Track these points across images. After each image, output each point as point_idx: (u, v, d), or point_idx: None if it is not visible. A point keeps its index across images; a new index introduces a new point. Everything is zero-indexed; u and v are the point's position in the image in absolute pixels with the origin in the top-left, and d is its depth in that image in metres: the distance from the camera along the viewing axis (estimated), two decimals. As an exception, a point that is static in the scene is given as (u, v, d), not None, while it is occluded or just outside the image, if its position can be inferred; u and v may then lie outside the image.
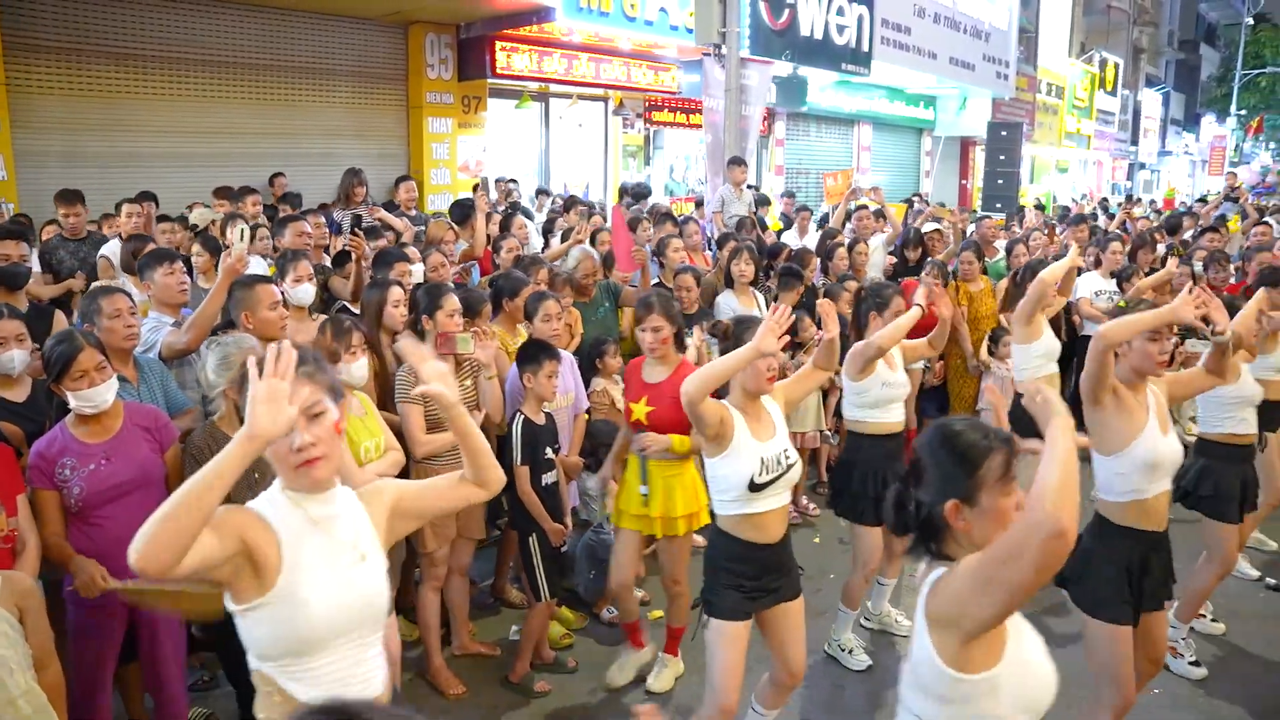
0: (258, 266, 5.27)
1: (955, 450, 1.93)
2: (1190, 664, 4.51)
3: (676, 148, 14.56)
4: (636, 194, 10.30)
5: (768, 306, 6.24)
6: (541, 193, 11.23)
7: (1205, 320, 3.43)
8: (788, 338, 3.03)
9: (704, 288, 6.12)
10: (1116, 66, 28.44)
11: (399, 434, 3.88)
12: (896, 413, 4.45)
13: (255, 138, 9.94)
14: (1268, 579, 5.55)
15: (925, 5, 15.04)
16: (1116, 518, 3.32)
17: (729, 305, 6.04)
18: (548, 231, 7.73)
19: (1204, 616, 4.94)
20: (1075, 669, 2.86)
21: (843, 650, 4.56)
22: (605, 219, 8.02)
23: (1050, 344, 5.37)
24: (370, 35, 10.84)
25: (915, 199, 15.03)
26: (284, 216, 5.76)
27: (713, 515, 3.45)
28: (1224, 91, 38.05)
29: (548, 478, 4.16)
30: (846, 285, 6.46)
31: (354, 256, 5.08)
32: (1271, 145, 45.45)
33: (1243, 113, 37.72)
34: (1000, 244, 8.60)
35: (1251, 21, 36.36)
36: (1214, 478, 4.51)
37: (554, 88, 12.30)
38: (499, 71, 11.16)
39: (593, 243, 6.56)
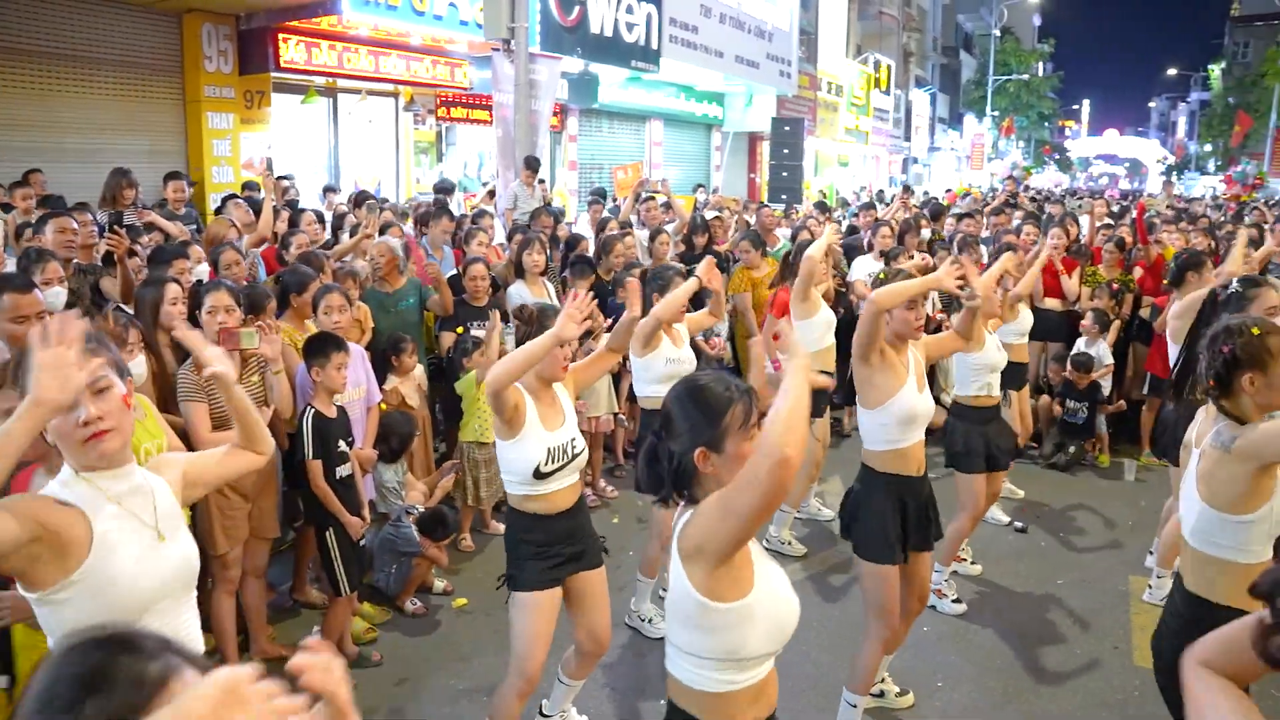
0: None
1: (701, 402, 2.07)
2: (953, 602, 5.03)
3: (470, 144, 14.48)
4: (439, 189, 10.19)
5: (559, 296, 6.39)
6: (330, 190, 10.92)
7: (962, 288, 3.84)
8: (589, 323, 3.15)
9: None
10: (889, 68, 30.53)
11: (183, 436, 3.75)
12: (682, 385, 4.68)
13: (5, 130, 9.13)
14: (1016, 523, 6.23)
15: (711, 5, 15.64)
16: (879, 465, 3.67)
17: (520, 296, 6.14)
18: (337, 228, 7.57)
19: (964, 560, 5.51)
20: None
21: (643, 620, 4.76)
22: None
23: (826, 316, 5.76)
24: (139, 23, 10.11)
25: (699, 189, 15.67)
26: (45, 214, 5.36)
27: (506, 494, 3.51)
28: (981, 94, 41.72)
29: (342, 471, 4.13)
30: (632, 271, 6.70)
31: (115, 256, 4.83)
32: (1020, 144, 50.16)
33: (996, 113, 41.46)
34: (783, 232, 9.17)
35: (999, 33, 40.14)
36: (963, 436, 5.06)
37: (342, 83, 11.97)
38: (283, 65, 10.72)
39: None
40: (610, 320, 4.66)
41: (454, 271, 6.39)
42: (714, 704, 2.03)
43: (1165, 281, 6.88)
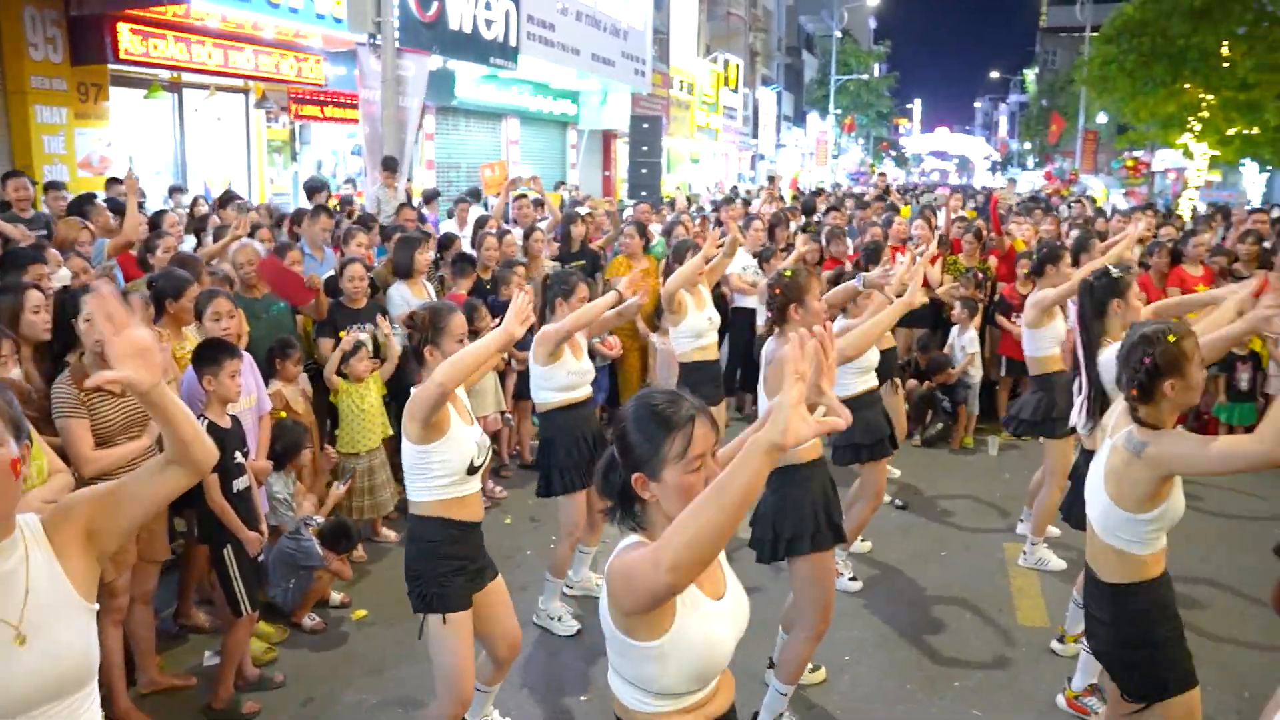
0: None
1: (645, 426, 1.91)
2: (850, 580, 5.21)
3: (325, 143, 13.97)
4: (312, 188, 9.76)
5: (439, 296, 6.26)
6: (177, 190, 10.30)
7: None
8: (532, 319, 3.10)
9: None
10: (738, 67, 31.31)
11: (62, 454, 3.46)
12: (583, 391, 4.68)
13: None
14: (896, 501, 6.51)
15: (568, 4, 15.65)
16: (793, 460, 3.71)
17: (402, 297, 5.96)
18: (199, 230, 7.15)
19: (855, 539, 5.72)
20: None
21: (551, 619, 4.73)
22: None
23: (698, 324, 5.74)
24: (-52, 5, 9.21)
25: (561, 187, 15.67)
26: None
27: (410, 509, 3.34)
28: (823, 93, 43.34)
29: (239, 483, 3.92)
30: (515, 270, 6.64)
31: None
32: (861, 141, 52.44)
33: (839, 112, 43.17)
34: (654, 228, 9.25)
35: (840, 35, 41.84)
36: (863, 426, 5.19)
37: (188, 77, 11.29)
38: (122, 56, 9.96)
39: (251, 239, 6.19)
40: (496, 319, 4.59)
41: (331, 273, 6.16)
42: None
43: (1026, 272, 7.32)
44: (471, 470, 3.23)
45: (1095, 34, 25.51)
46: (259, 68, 11.59)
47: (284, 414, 4.90)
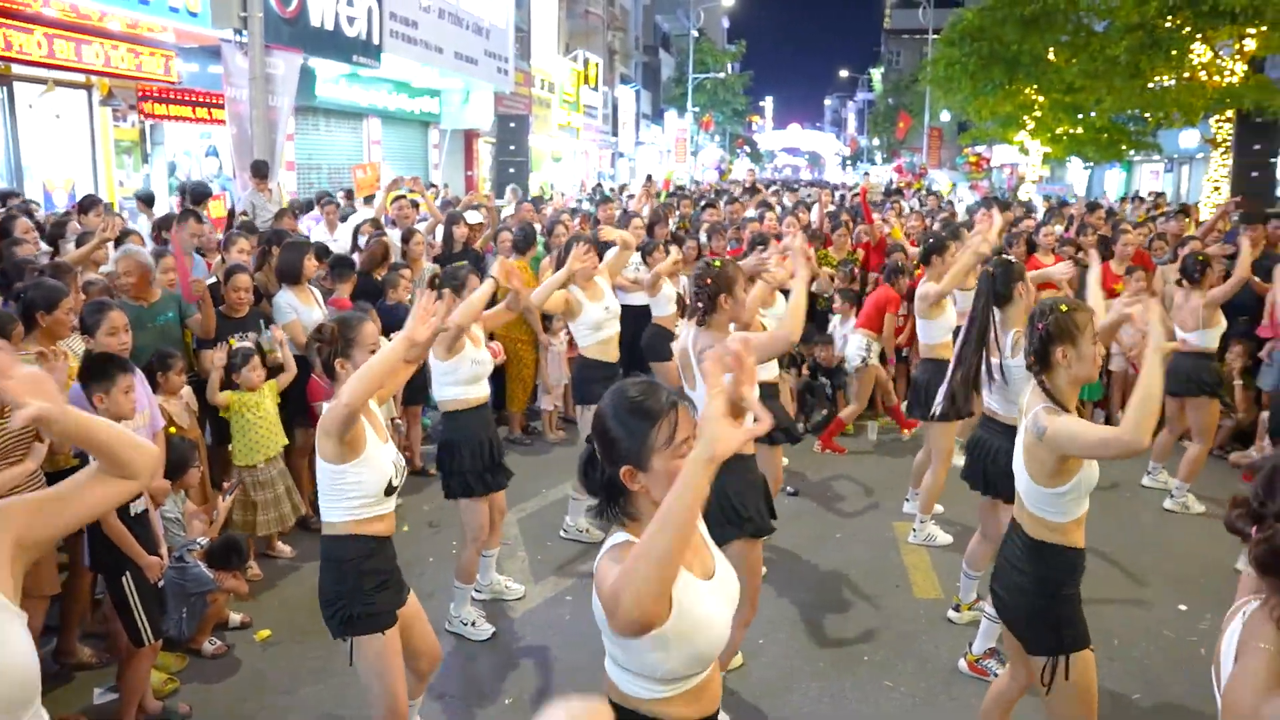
0: None
1: (626, 418, 1.93)
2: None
3: (179, 143, 13.26)
4: (196, 194, 9.22)
5: (326, 302, 6.09)
6: (10, 195, 9.56)
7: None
8: (435, 322, 3.02)
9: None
10: (597, 66, 31.42)
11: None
12: (485, 386, 4.65)
13: None
14: (787, 488, 6.71)
15: (430, 1, 15.36)
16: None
17: (289, 304, 5.76)
18: (57, 236, 6.68)
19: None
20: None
21: (465, 625, 4.69)
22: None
23: (597, 316, 5.83)
24: None
25: (434, 187, 15.40)
26: None
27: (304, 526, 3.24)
28: (681, 91, 43.97)
29: (136, 506, 3.72)
30: (402, 273, 6.54)
31: None
32: (717, 138, 53.52)
33: (697, 110, 43.89)
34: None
35: (697, 34, 42.59)
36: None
37: (21, 69, 10.47)
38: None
39: (119, 244, 5.84)
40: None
41: (213, 279, 5.88)
42: (649, 707, 1.97)
43: (914, 262, 7.67)
44: (389, 491, 3.13)
45: (937, 36, 26.89)
46: (110, 62, 10.77)
47: (172, 429, 4.66)
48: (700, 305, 3.83)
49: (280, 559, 5.53)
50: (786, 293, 4.07)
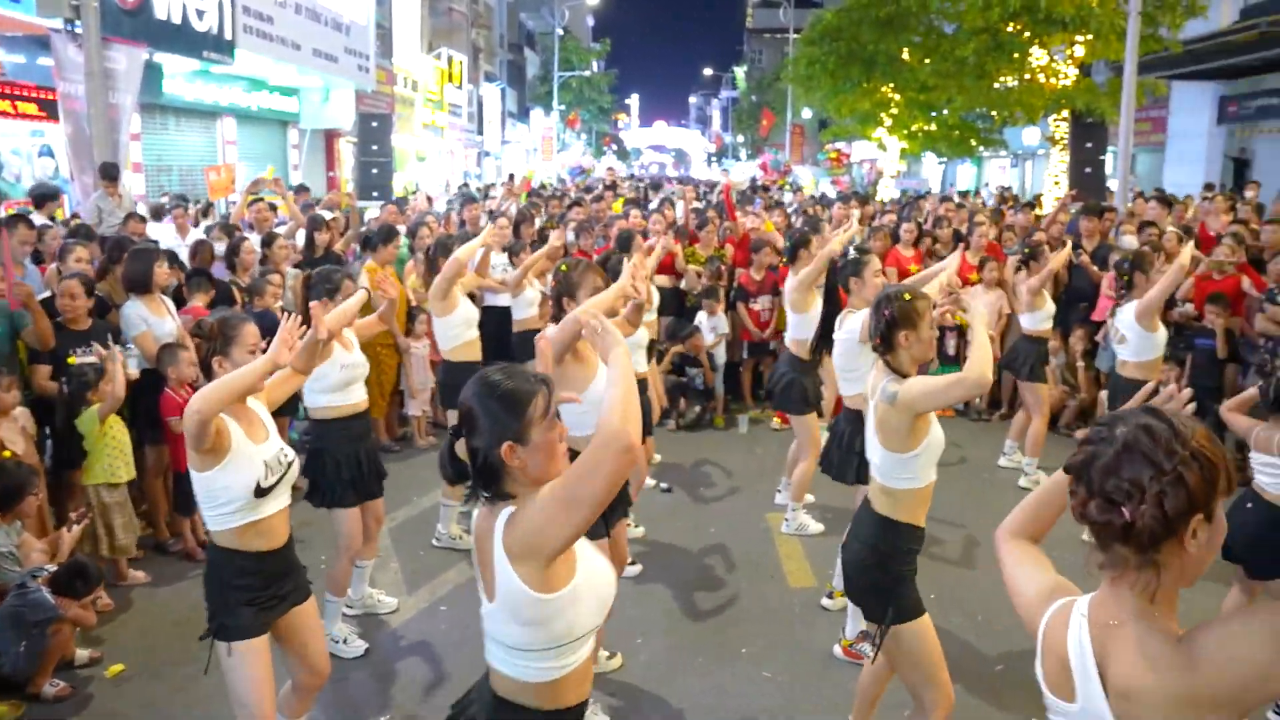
0: None
1: (503, 396, 2.05)
2: (630, 565, 5.36)
3: (6, 141, 12.31)
4: (40, 196, 8.52)
5: (180, 312, 5.79)
6: None
7: None
8: (300, 350, 2.98)
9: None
10: (461, 64, 30.92)
11: None
12: (359, 392, 4.51)
13: None
14: (661, 484, 6.76)
15: (286, -5, 14.80)
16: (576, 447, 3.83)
17: (139, 315, 5.44)
18: None
19: (629, 525, 5.88)
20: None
21: (337, 641, 4.52)
22: None
23: (469, 313, 5.78)
24: None
25: (304, 190, 14.82)
26: None
27: (208, 535, 3.18)
28: (546, 89, 43.80)
29: (-36, 538, 3.43)
30: (270, 279, 6.29)
31: None
32: (583, 136, 53.58)
33: (562, 108, 43.79)
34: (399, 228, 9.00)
35: (562, 32, 42.47)
36: None
37: None
38: None
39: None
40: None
41: (47, 293, 5.49)
42: (547, 691, 2.05)
43: (782, 258, 7.81)
44: (260, 493, 3.03)
45: (798, 35, 27.61)
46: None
47: (6, 453, 4.32)
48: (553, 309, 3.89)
49: (132, 585, 5.21)
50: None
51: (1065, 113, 16.55)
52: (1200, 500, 1.52)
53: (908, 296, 3.21)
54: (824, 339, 4.34)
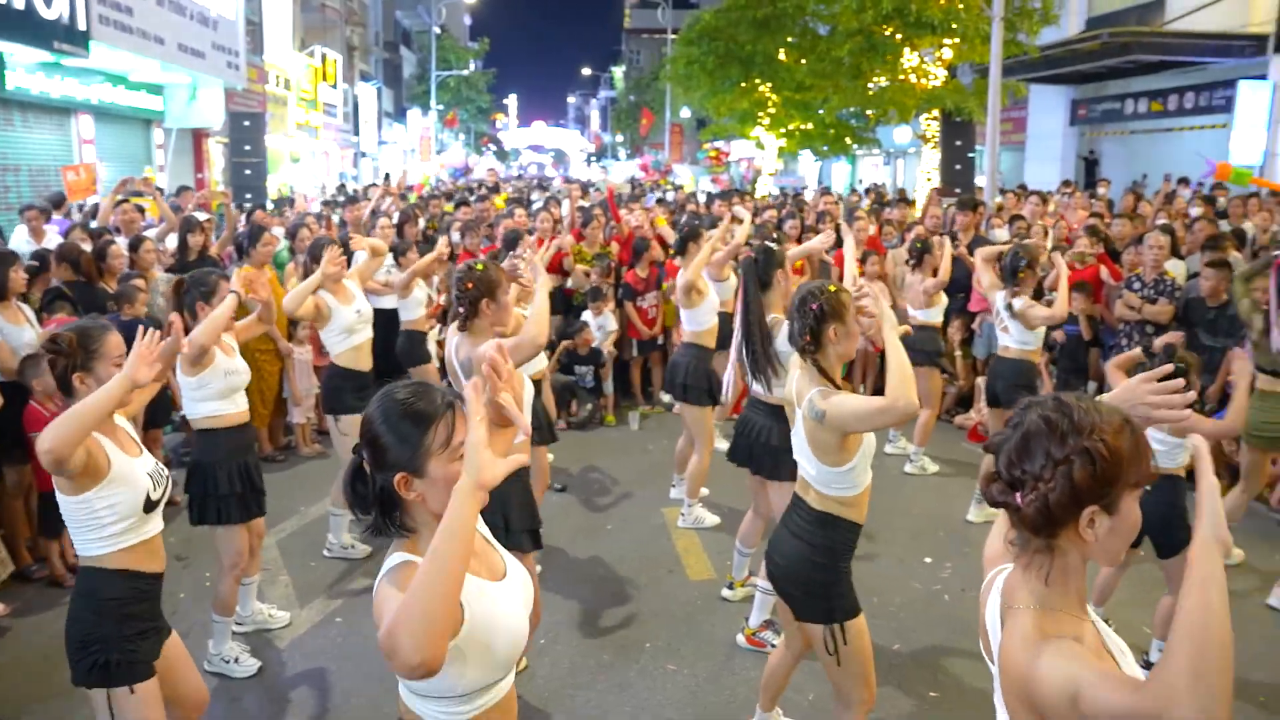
0: None
1: (399, 422, 1.82)
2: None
3: None
4: None
5: (40, 324, 5.43)
6: None
7: None
8: (159, 365, 2.81)
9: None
10: (335, 62, 30.05)
11: None
12: (242, 401, 4.33)
13: None
14: (555, 484, 6.67)
15: (146, -14, 14.03)
16: None
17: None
18: None
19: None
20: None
21: (227, 662, 4.34)
22: None
23: (347, 318, 5.58)
24: None
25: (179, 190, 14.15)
26: None
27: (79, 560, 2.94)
28: (424, 89, 42.97)
29: None
30: (135, 284, 5.98)
31: None
32: (462, 136, 52.84)
33: (440, 108, 43.06)
34: (277, 230, 8.69)
35: (439, 31, 41.74)
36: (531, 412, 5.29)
37: None
38: None
39: None
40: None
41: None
42: None
43: (671, 252, 7.86)
44: (150, 506, 2.87)
45: (675, 36, 27.90)
46: None
47: None
48: (462, 310, 3.74)
49: (-7, 617, 4.86)
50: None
51: (936, 112, 17.25)
52: (1088, 494, 1.55)
53: (832, 289, 3.16)
54: (749, 340, 4.28)
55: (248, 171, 16.03)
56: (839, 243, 6.12)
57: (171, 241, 7.78)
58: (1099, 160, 20.22)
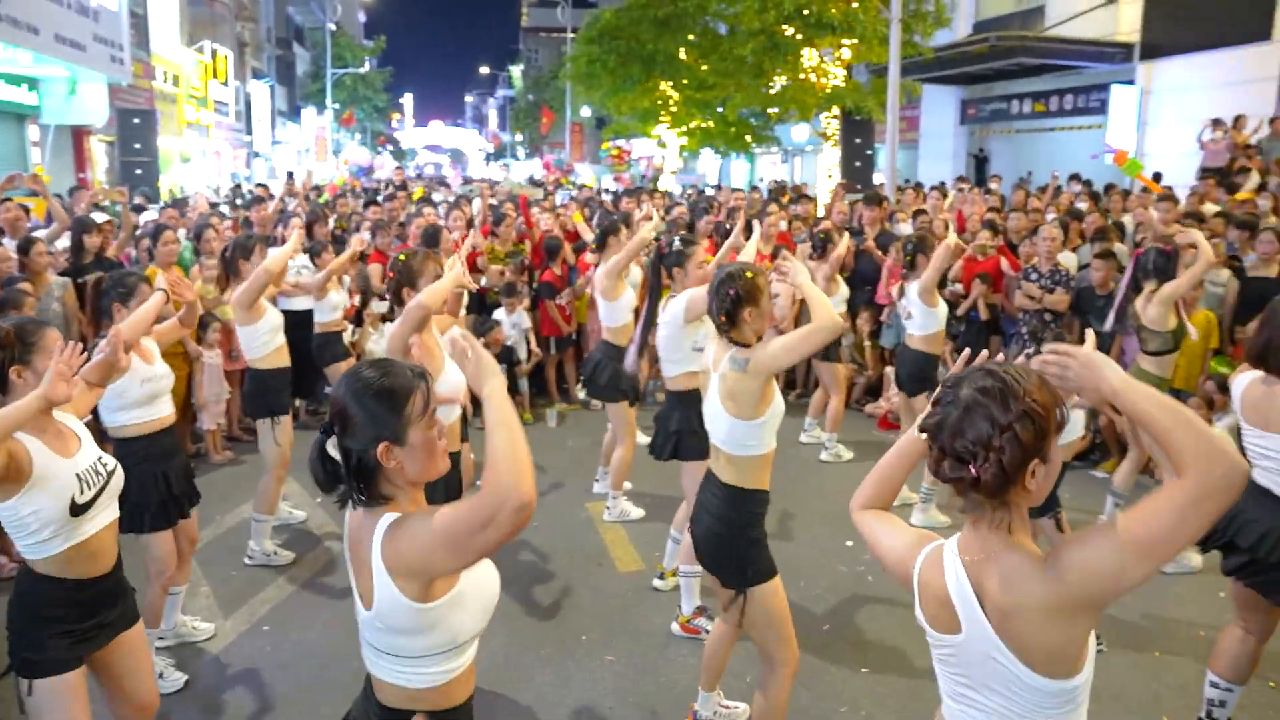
0: None
1: (379, 393, 1.93)
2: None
3: None
4: None
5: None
6: None
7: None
8: (77, 380, 2.81)
9: None
10: (226, 59, 29.07)
11: None
12: (165, 405, 4.20)
13: None
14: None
15: (18, -28, 13.30)
16: None
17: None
18: None
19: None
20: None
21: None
22: None
23: (276, 319, 5.51)
24: None
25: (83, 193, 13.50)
26: None
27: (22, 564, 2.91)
28: (319, 87, 41.93)
29: None
30: (22, 287, 5.70)
31: None
32: (358, 135, 51.77)
33: (337, 106, 42.09)
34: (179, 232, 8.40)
35: (333, 28, 40.74)
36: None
37: None
38: None
39: None
40: None
41: None
42: (436, 696, 1.99)
43: (592, 247, 7.88)
44: (77, 510, 2.78)
45: (575, 35, 27.91)
46: None
47: None
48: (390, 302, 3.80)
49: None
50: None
51: (836, 110, 17.72)
52: (1033, 450, 1.72)
53: (749, 274, 3.31)
54: (649, 326, 4.42)
55: (138, 171, 15.47)
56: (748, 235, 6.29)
57: (64, 243, 7.44)
58: (989, 158, 21.10)
